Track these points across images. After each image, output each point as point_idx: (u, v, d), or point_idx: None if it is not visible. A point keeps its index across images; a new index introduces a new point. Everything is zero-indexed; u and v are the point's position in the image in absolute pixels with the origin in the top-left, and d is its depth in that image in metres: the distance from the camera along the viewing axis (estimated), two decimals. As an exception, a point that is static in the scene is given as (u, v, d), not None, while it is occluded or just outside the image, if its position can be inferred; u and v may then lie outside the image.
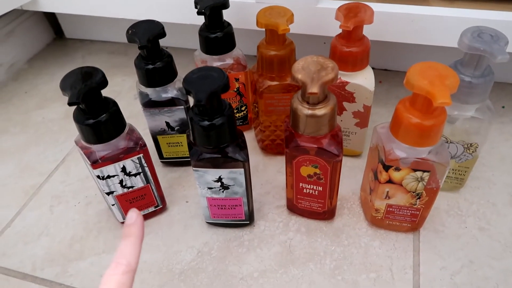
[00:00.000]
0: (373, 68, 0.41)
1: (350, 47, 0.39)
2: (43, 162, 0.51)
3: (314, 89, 0.29)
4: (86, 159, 0.36)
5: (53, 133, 0.55)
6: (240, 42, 0.47)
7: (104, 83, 0.33)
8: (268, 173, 0.47)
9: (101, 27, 0.72)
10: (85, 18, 0.67)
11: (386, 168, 0.34)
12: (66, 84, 0.32)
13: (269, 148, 0.48)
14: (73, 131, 0.55)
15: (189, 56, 0.64)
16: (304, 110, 0.32)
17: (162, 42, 0.39)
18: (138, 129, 0.38)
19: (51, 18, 0.74)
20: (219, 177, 0.36)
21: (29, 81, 0.66)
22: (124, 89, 0.62)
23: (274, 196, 0.44)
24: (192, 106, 0.33)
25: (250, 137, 0.52)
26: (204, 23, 0.44)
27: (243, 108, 0.50)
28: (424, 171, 0.33)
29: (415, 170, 0.33)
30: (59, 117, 0.58)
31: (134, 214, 0.27)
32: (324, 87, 0.31)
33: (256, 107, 0.46)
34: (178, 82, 0.42)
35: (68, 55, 0.71)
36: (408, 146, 0.32)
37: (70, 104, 0.30)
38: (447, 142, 0.38)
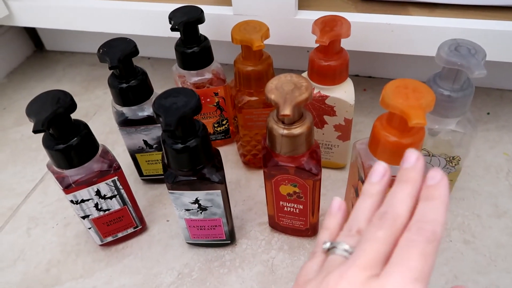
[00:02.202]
0: (357, 76, 0.40)
1: (328, 60, 0.38)
2: (21, 181, 0.50)
3: (286, 111, 0.29)
4: (59, 184, 0.35)
5: (32, 151, 0.54)
6: (219, 52, 0.46)
7: (72, 107, 0.32)
8: (251, 188, 0.46)
9: (82, 39, 0.71)
10: (66, 30, 0.65)
11: (366, 186, 0.33)
12: (32, 110, 0.31)
13: (251, 163, 0.47)
14: (52, 148, 0.54)
15: (170, 67, 0.63)
16: (280, 130, 0.32)
17: (142, 52, 0.38)
18: (120, 144, 0.37)
19: (31, 31, 0.72)
20: (196, 199, 0.35)
21: (8, 96, 0.64)
22: (105, 103, 0.61)
23: (257, 212, 0.43)
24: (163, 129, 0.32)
25: (232, 150, 0.51)
26: (180, 38, 0.43)
27: (224, 122, 0.49)
28: (404, 189, 0.32)
29: (394, 188, 0.33)
30: (37, 134, 0.57)
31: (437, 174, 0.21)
32: (298, 107, 0.30)
33: (236, 121, 0.45)
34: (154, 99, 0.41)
35: (48, 67, 0.70)
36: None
37: (35, 131, 0.29)
38: (429, 155, 0.38)
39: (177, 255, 0.40)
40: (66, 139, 0.32)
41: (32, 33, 0.73)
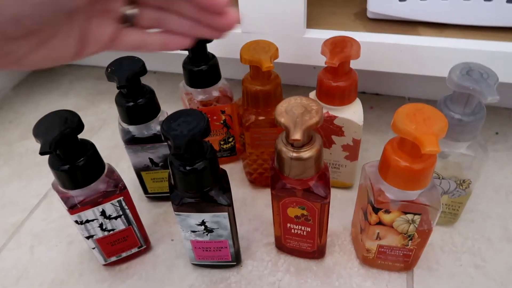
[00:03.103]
0: (363, 93, 0.40)
1: (337, 81, 0.38)
2: (26, 196, 0.50)
3: (297, 135, 0.28)
4: (63, 204, 0.34)
5: (36, 165, 0.54)
6: (226, 68, 0.45)
7: (79, 127, 0.32)
8: (257, 207, 0.46)
9: (88, 52, 0.71)
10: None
11: (376, 210, 0.33)
12: (39, 131, 0.31)
13: (258, 181, 0.47)
14: (57, 162, 0.54)
15: (176, 81, 0.63)
16: (289, 153, 0.31)
17: (148, 67, 0.38)
18: (125, 160, 0.36)
19: (38, 43, 0.73)
20: (203, 220, 0.34)
21: (14, 109, 0.64)
22: (110, 117, 0.61)
23: (263, 233, 0.43)
24: (171, 152, 0.32)
25: (238, 168, 0.50)
26: (187, 55, 0.43)
27: (230, 140, 0.49)
28: (415, 214, 0.32)
29: (405, 213, 0.32)
30: (43, 147, 0.57)
31: None
32: (308, 131, 0.30)
33: (243, 139, 0.44)
34: (161, 117, 0.41)
35: (55, 80, 0.70)
36: (397, 189, 0.31)
37: (42, 153, 0.29)
38: (438, 178, 0.37)
39: (181, 276, 0.40)
40: (72, 160, 0.32)
41: (39, 46, 0.73)
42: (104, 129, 0.59)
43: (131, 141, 0.41)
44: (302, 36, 0.45)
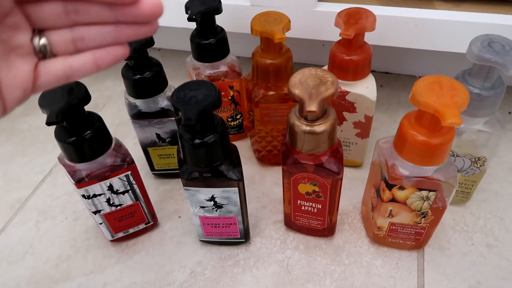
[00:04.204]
0: (373, 71, 0.39)
1: (350, 55, 0.37)
2: (30, 173, 0.49)
3: (312, 107, 0.27)
4: (70, 178, 0.34)
5: (40, 142, 0.53)
6: (234, 44, 0.44)
7: (86, 98, 0.31)
8: (265, 185, 0.45)
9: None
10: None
11: (390, 186, 0.32)
12: (45, 101, 0.30)
13: (266, 159, 0.46)
14: (61, 139, 0.53)
15: (182, 58, 0.62)
16: (302, 126, 0.30)
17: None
18: (130, 138, 0.36)
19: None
20: (212, 196, 0.34)
21: (16, 85, 0.63)
22: (115, 94, 0.60)
23: (271, 210, 0.42)
24: (182, 124, 0.31)
25: (246, 146, 0.50)
26: (195, 28, 0.41)
27: (238, 117, 0.48)
28: (430, 191, 0.31)
29: (420, 189, 0.31)
30: (45, 125, 0.56)
31: None
32: (323, 103, 0.29)
33: (252, 116, 0.43)
34: (168, 92, 0.40)
35: (57, 57, 0.68)
36: (413, 164, 0.30)
37: (48, 123, 0.28)
38: (453, 155, 0.36)
39: (189, 253, 0.39)
40: (79, 132, 0.31)
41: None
42: (109, 106, 0.58)
43: (138, 116, 0.40)
44: (313, 9, 0.43)
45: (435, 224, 0.34)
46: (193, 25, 0.42)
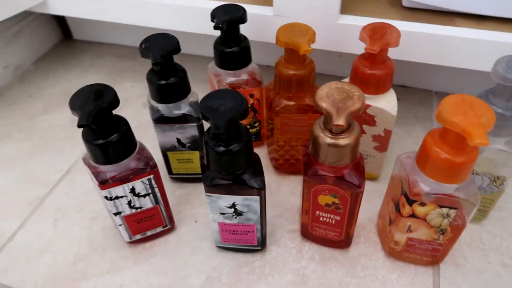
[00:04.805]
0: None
1: (373, 69, 0.37)
2: (48, 171, 0.50)
3: (340, 121, 0.28)
4: (94, 179, 0.34)
5: (59, 141, 0.54)
6: (256, 52, 0.45)
7: (115, 102, 0.31)
8: (281, 193, 0.45)
9: (111, 30, 0.70)
10: (95, 20, 0.65)
11: (410, 202, 0.32)
12: (76, 104, 0.30)
13: (283, 168, 0.47)
14: (79, 139, 0.53)
15: (199, 63, 0.62)
16: (326, 139, 0.31)
17: None
18: (147, 141, 0.36)
19: (60, 19, 0.72)
20: (233, 203, 0.34)
21: (35, 84, 0.64)
22: (132, 96, 0.61)
23: (287, 219, 0.43)
24: (208, 129, 0.31)
25: (262, 153, 0.50)
26: (219, 36, 0.42)
27: (256, 124, 0.48)
28: (450, 208, 0.31)
29: (441, 206, 0.32)
30: (65, 123, 0.56)
31: None
32: (349, 117, 0.29)
33: (271, 124, 0.44)
34: (191, 98, 0.40)
35: (75, 57, 0.69)
36: (434, 181, 0.31)
37: (80, 126, 0.29)
38: (472, 173, 0.36)
39: (205, 258, 0.39)
40: (106, 135, 0.32)
41: (61, 21, 0.73)
42: (126, 108, 0.58)
43: (160, 120, 0.40)
44: (335, 21, 0.44)
45: (453, 241, 0.34)
46: (213, 32, 0.42)
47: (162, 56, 0.35)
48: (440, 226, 0.33)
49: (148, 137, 0.48)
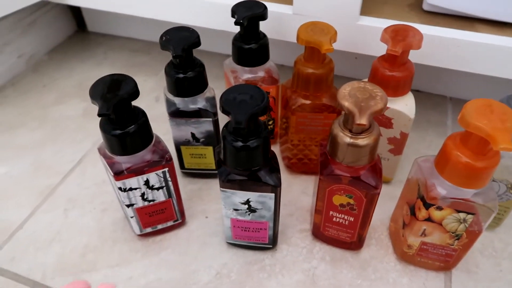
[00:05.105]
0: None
1: (393, 71, 0.37)
2: (60, 161, 0.50)
3: (363, 120, 0.27)
4: (109, 169, 0.34)
5: (71, 131, 0.54)
6: (273, 50, 0.44)
7: (136, 93, 0.31)
8: (293, 193, 0.45)
9: (125, 23, 0.70)
10: (110, 13, 0.65)
11: (427, 206, 0.32)
12: (96, 93, 0.30)
13: (295, 167, 0.46)
14: (91, 130, 0.54)
15: (214, 60, 0.62)
16: (346, 138, 0.30)
17: None
18: (159, 135, 0.36)
19: (75, 10, 0.72)
20: (247, 199, 0.34)
21: (49, 74, 0.64)
22: (145, 90, 0.61)
23: (298, 218, 0.42)
24: (227, 124, 0.31)
25: (274, 152, 0.50)
26: (239, 32, 0.42)
27: (270, 122, 0.48)
28: (468, 213, 0.31)
29: (458, 211, 0.31)
30: (77, 114, 0.56)
31: None
32: (371, 117, 0.29)
33: (286, 123, 0.44)
34: (208, 93, 0.40)
35: (89, 49, 0.69)
36: (452, 185, 0.30)
37: (100, 115, 0.29)
38: (489, 180, 0.36)
39: (215, 254, 0.39)
40: (124, 125, 0.31)
41: (76, 13, 0.73)
42: (138, 102, 0.57)
43: (175, 114, 0.40)
44: (355, 22, 0.43)
45: (467, 247, 0.34)
46: (230, 28, 0.42)
47: (183, 49, 0.35)
48: (455, 231, 0.33)
49: (160, 131, 0.47)
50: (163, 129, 0.44)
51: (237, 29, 0.42)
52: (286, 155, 0.46)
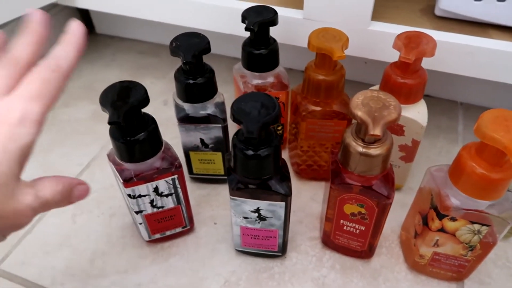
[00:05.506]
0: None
1: (405, 78, 0.36)
2: (67, 164, 0.50)
3: (377, 130, 0.27)
4: (118, 176, 0.34)
5: (79, 134, 0.54)
6: (281, 54, 0.44)
7: (146, 100, 0.31)
8: (301, 199, 0.45)
9: (133, 25, 0.70)
10: (118, 15, 0.65)
11: (441, 216, 0.31)
12: (106, 100, 0.30)
13: (304, 173, 0.46)
14: (99, 133, 0.54)
15: (223, 63, 0.62)
16: (358, 147, 0.30)
17: None
18: (166, 139, 0.36)
19: (84, 13, 0.72)
20: (257, 208, 0.34)
21: (57, 76, 0.64)
22: (152, 93, 0.60)
23: (307, 226, 0.42)
24: (237, 132, 0.31)
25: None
26: (249, 37, 0.41)
27: (279, 128, 0.48)
28: (482, 225, 0.31)
29: (472, 222, 0.31)
30: (85, 117, 0.56)
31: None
32: (385, 127, 0.28)
33: (295, 128, 0.43)
34: (217, 98, 0.40)
35: (97, 51, 0.69)
36: (467, 196, 0.30)
37: (110, 123, 0.28)
38: (503, 189, 0.36)
39: (224, 261, 0.39)
40: (134, 133, 0.31)
41: (84, 15, 0.73)
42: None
43: (184, 120, 0.40)
44: (366, 28, 0.43)
45: (481, 258, 0.34)
46: (240, 32, 0.41)
47: (193, 55, 0.35)
48: (469, 242, 0.32)
49: (167, 135, 0.47)
50: (171, 133, 0.43)
51: (245, 33, 0.42)
52: (295, 161, 0.45)
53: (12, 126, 0.22)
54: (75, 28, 0.26)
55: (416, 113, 0.38)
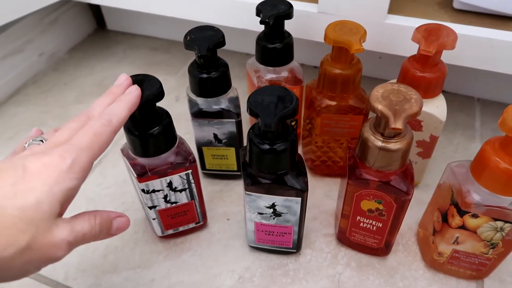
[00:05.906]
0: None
1: (424, 72, 0.35)
2: (80, 160, 0.49)
3: (398, 124, 0.26)
4: (132, 170, 0.33)
5: (91, 130, 0.54)
6: (298, 50, 0.43)
7: (161, 94, 0.30)
8: (316, 196, 0.44)
9: (145, 21, 0.70)
10: (129, 11, 0.65)
11: (462, 213, 0.30)
12: (121, 93, 0.29)
13: (318, 169, 0.45)
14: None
15: (235, 59, 0.62)
16: (377, 142, 0.29)
17: None
18: (180, 133, 0.35)
19: (95, 9, 0.72)
20: (273, 203, 0.33)
21: (69, 72, 0.64)
22: (165, 89, 0.60)
23: (322, 222, 0.41)
24: (253, 126, 0.30)
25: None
26: (263, 31, 0.41)
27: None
28: (506, 222, 0.30)
29: (495, 220, 0.30)
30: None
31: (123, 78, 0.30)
32: (406, 121, 0.28)
33: (309, 124, 0.43)
34: (231, 93, 0.39)
35: (109, 48, 0.69)
36: (489, 192, 0.29)
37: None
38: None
39: (237, 257, 0.39)
40: (148, 127, 0.31)
41: (96, 11, 0.73)
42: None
43: (198, 114, 0.39)
44: (383, 21, 0.42)
45: (503, 256, 0.33)
46: (253, 27, 0.41)
47: (208, 48, 0.34)
48: (491, 240, 0.31)
49: (181, 130, 0.47)
50: (183, 128, 0.43)
51: (259, 27, 0.41)
52: (310, 157, 0.45)
53: (62, 171, 0.23)
54: (133, 89, 0.28)
55: (435, 107, 0.37)
